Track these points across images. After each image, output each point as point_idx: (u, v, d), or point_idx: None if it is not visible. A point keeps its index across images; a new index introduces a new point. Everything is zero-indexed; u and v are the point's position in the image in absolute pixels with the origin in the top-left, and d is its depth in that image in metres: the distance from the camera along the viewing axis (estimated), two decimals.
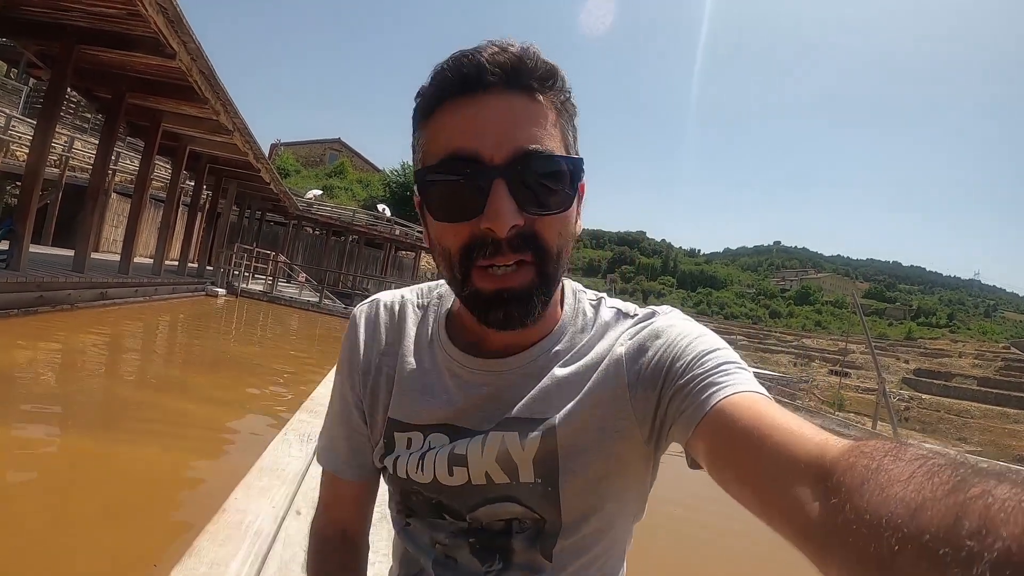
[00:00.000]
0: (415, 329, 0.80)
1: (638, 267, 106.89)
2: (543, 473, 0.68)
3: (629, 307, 0.76)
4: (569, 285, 0.78)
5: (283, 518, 2.11)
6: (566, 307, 0.75)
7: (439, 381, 0.75)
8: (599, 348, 0.71)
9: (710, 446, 0.57)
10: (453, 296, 0.77)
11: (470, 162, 0.61)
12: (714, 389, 0.58)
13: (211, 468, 4.39)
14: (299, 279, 23.95)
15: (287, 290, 21.94)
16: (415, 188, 0.67)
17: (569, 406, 0.68)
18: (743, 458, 0.53)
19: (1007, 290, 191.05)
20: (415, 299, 0.84)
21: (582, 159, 0.66)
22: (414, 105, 0.67)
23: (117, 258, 12.86)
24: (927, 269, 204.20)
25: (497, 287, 0.63)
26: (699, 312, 77.34)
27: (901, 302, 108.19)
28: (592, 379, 0.69)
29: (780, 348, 42.61)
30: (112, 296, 10.69)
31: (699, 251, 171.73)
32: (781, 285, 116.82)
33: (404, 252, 38.58)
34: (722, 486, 0.55)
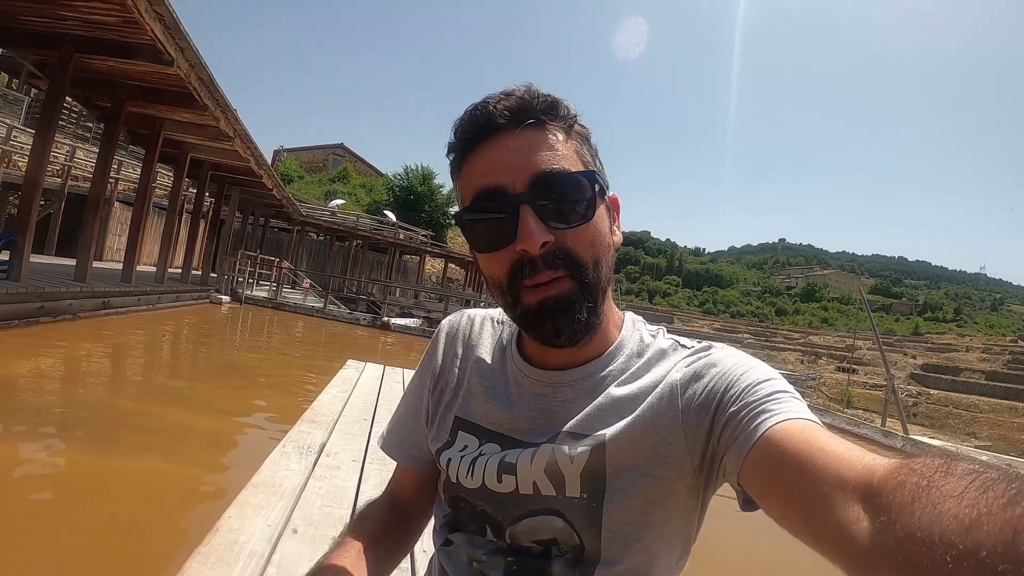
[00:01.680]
0: (492, 341, 0.88)
1: (643, 267, 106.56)
2: (589, 489, 0.69)
3: (686, 340, 0.79)
4: (629, 315, 0.83)
5: (279, 537, 2.04)
6: (624, 332, 0.79)
7: (504, 388, 0.80)
8: (655, 373, 0.74)
9: (761, 474, 0.57)
10: None
11: (496, 195, 0.68)
12: (765, 417, 0.59)
13: (214, 481, 4.32)
14: (303, 285, 23.94)
15: (292, 296, 21.91)
16: (460, 230, 0.75)
17: (620, 426, 0.70)
18: (791, 482, 0.53)
19: (1013, 283, 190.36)
20: (497, 316, 0.91)
21: (594, 171, 0.71)
22: (449, 162, 0.76)
23: (121, 267, 12.83)
24: (933, 264, 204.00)
25: (540, 298, 0.68)
26: (705, 311, 77.17)
27: (907, 297, 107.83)
28: (646, 402, 0.71)
29: (787, 346, 42.42)
30: (115, 305, 10.65)
31: (704, 250, 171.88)
32: (787, 283, 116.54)
33: (409, 256, 38.55)
34: (772, 516, 0.56)
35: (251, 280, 20.64)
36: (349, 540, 0.81)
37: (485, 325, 0.91)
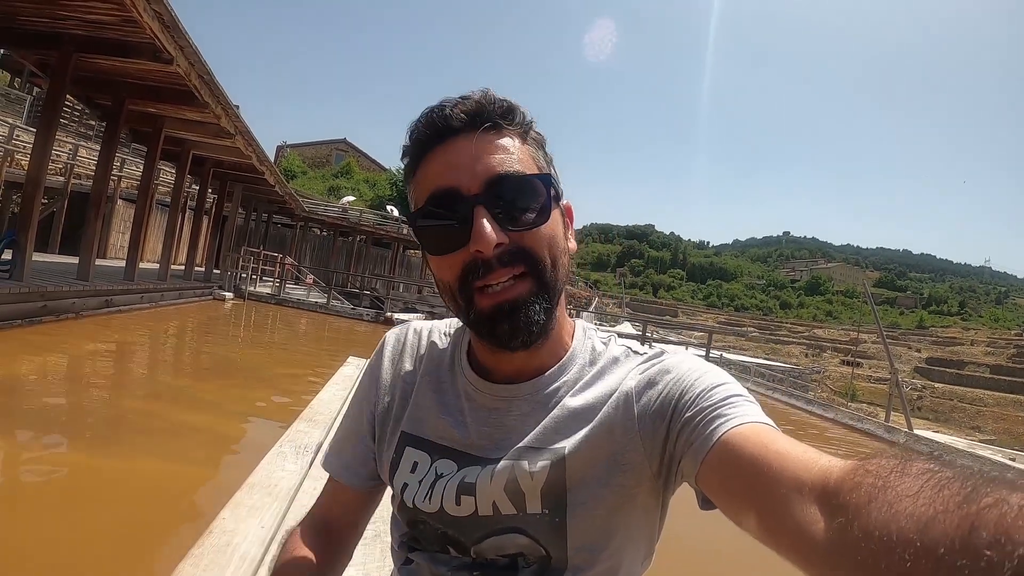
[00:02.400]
0: (439, 353, 0.86)
1: (647, 260, 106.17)
2: (551, 504, 0.68)
3: (638, 346, 0.79)
4: (580, 323, 0.82)
5: (271, 540, 2.04)
6: (575, 341, 0.79)
7: (455, 402, 0.79)
8: (609, 381, 0.73)
9: (718, 478, 0.58)
10: None
11: (450, 197, 0.67)
12: (721, 421, 0.60)
13: (212, 480, 4.34)
14: (307, 281, 23.95)
15: (295, 292, 21.94)
16: (413, 233, 0.73)
17: (578, 437, 0.70)
18: (748, 486, 0.53)
19: (1019, 276, 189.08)
20: (444, 327, 0.90)
21: (549, 174, 0.71)
22: (402, 165, 0.75)
23: (124, 264, 12.87)
24: (937, 257, 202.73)
25: (496, 301, 0.67)
26: (709, 305, 77.02)
27: (912, 290, 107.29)
28: (602, 411, 0.70)
29: (791, 339, 42.38)
30: (118, 303, 10.69)
31: (708, 243, 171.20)
32: (791, 276, 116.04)
33: (412, 251, 38.53)
34: (731, 518, 0.56)
35: (254, 276, 20.71)
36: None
37: (433, 337, 0.89)
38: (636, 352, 0.77)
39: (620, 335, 0.85)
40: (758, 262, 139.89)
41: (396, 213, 34.47)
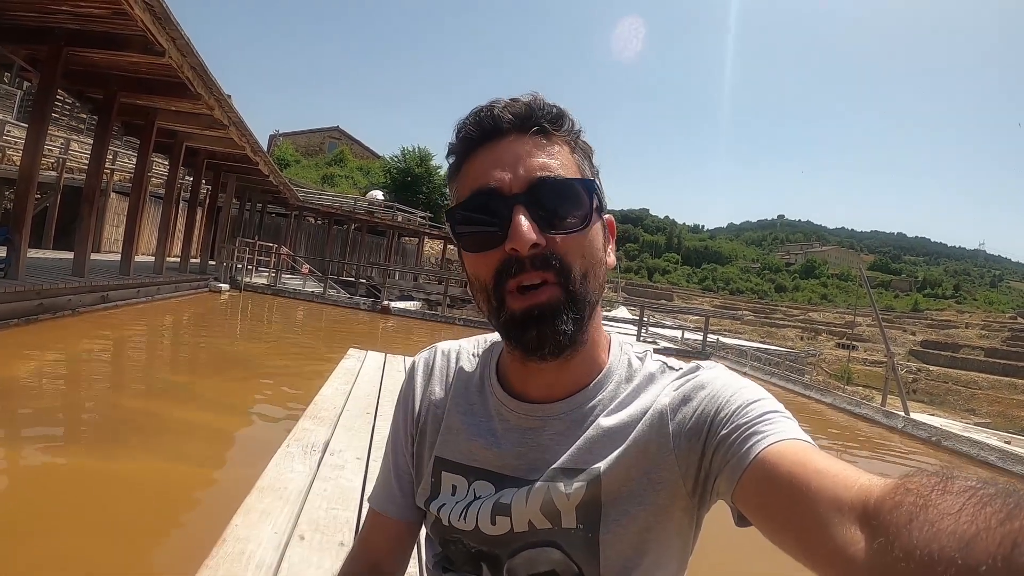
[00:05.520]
0: (469, 375, 0.85)
1: (642, 244, 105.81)
2: (585, 519, 0.68)
3: (674, 361, 0.78)
4: (616, 338, 0.81)
5: (286, 545, 2.04)
6: (611, 358, 0.78)
7: (487, 423, 0.78)
8: (644, 399, 0.73)
9: (755, 496, 0.57)
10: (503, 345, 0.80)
11: (492, 195, 0.67)
12: (758, 438, 0.59)
13: (220, 482, 4.30)
14: (303, 270, 23.90)
15: (291, 282, 21.89)
16: (449, 230, 0.73)
17: (613, 456, 0.69)
18: (786, 505, 0.53)
19: (1012, 260, 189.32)
20: (471, 348, 0.89)
21: (593, 180, 0.71)
22: (448, 164, 0.75)
23: (119, 258, 12.77)
24: (932, 240, 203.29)
25: (527, 305, 0.67)
26: (705, 288, 77.04)
27: (907, 273, 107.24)
28: (636, 429, 0.70)
29: (786, 322, 42.54)
30: (114, 299, 10.62)
31: (703, 227, 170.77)
32: (786, 259, 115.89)
33: (407, 238, 38.45)
34: (768, 536, 0.55)
35: (250, 267, 20.64)
36: None
37: (461, 359, 0.88)
38: (671, 368, 0.76)
39: (617, 319, 0.84)
40: (753, 245, 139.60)
41: (380, 196, 34.45)
